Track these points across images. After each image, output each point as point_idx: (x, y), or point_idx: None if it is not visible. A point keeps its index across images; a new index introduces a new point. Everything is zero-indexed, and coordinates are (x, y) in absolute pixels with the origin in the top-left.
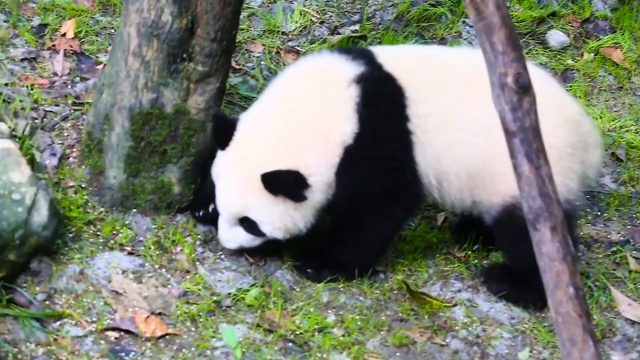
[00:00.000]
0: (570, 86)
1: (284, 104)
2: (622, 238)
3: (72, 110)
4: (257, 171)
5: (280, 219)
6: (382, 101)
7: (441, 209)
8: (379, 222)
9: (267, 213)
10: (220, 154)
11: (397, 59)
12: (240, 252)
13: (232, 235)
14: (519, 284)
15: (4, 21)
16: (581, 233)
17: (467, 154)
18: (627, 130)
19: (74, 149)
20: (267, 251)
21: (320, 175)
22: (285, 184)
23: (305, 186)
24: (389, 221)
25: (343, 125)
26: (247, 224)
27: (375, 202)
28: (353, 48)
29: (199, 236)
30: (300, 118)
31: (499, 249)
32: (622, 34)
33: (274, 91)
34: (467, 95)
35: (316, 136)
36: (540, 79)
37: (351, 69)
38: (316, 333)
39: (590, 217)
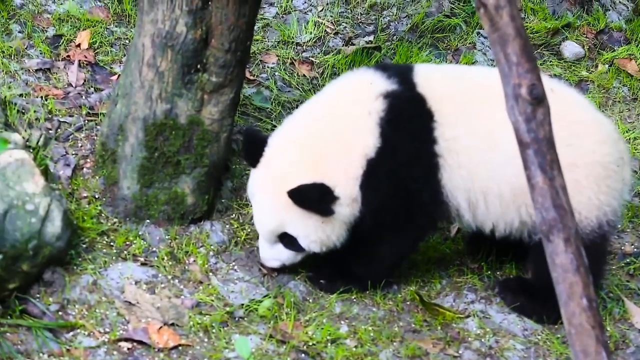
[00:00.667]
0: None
1: (313, 118)
2: (635, 249)
3: (86, 121)
4: (285, 186)
5: (315, 231)
6: (407, 119)
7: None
8: (394, 240)
9: (302, 227)
10: (253, 172)
11: (435, 79)
12: (253, 263)
13: (274, 254)
14: (535, 298)
15: (19, 32)
16: None
17: (511, 172)
18: None
19: (88, 160)
20: None
21: (344, 188)
22: (310, 198)
23: (332, 199)
24: (405, 239)
25: (366, 138)
26: (287, 240)
27: (393, 220)
28: (394, 65)
29: (212, 247)
30: (327, 131)
31: (512, 260)
32: (637, 46)
33: (307, 106)
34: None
35: (341, 148)
36: (575, 97)
37: (382, 84)
38: (329, 344)
39: None
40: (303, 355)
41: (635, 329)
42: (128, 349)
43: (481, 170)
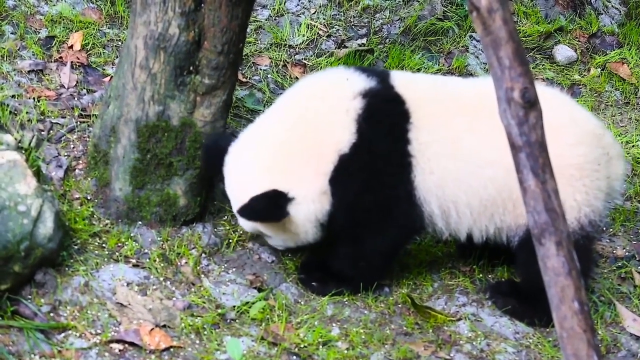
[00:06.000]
0: (577, 101)
1: (286, 112)
2: (627, 253)
3: (78, 122)
4: (244, 192)
5: (284, 232)
6: (384, 118)
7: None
8: (375, 237)
9: (271, 230)
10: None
11: (411, 84)
12: (244, 265)
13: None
14: (526, 301)
15: (12, 33)
16: None
17: (478, 184)
18: (633, 146)
19: (80, 161)
20: (271, 265)
21: (309, 184)
22: (258, 211)
23: (284, 201)
24: (385, 237)
25: (340, 134)
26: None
27: (370, 217)
28: (371, 68)
29: (204, 249)
30: (299, 124)
31: (504, 264)
32: (629, 50)
33: (282, 99)
34: (478, 128)
35: (312, 142)
36: (553, 97)
37: (361, 83)
38: (320, 346)
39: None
40: (294, 357)
41: (626, 332)
42: (119, 350)
43: (449, 179)
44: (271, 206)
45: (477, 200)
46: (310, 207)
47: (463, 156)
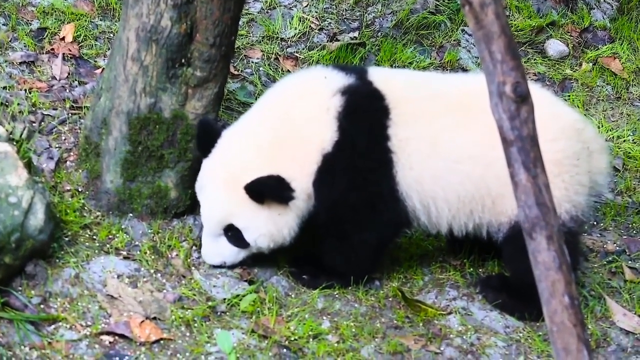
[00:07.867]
0: (569, 96)
1: (269, 111)
2: (618, 248)
3: (70, 114)
4: (238, 177)
5: (265, 224)
6: (364, 114)
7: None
8: (362, 233)
9: (252, 219)
10: (204, 163)
11: (390, 80)
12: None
13: (215, 249)
14: (516, 296)
15: (3, 24)
16: None
17: (455, 180)
18: (624, 140)
19: (72, 153)
20: (263, 257)
21: (299, 181)
22: (269, 188)
23: (290, 189)
24: (372, 232)
25: (323, 133)
26: (232, 233)
27: (356, 213)
28: (349, 65)
29: (194, 241)
30: (282, 124)
31: (494, 258)
32: (621, 44)
33: (263, 99)
34: (455, 124)
35: (296, 142)
36: (533, 92)
37: (339, 80)
38: (311, 339)
39: (586, 227)
40: (285, 350)
41: (616, 327)
42: (110, 342)
43: (428, 175)
44: (280, 186)
45: (454, 196)
46: (299, 204)
47: (441, 152)
